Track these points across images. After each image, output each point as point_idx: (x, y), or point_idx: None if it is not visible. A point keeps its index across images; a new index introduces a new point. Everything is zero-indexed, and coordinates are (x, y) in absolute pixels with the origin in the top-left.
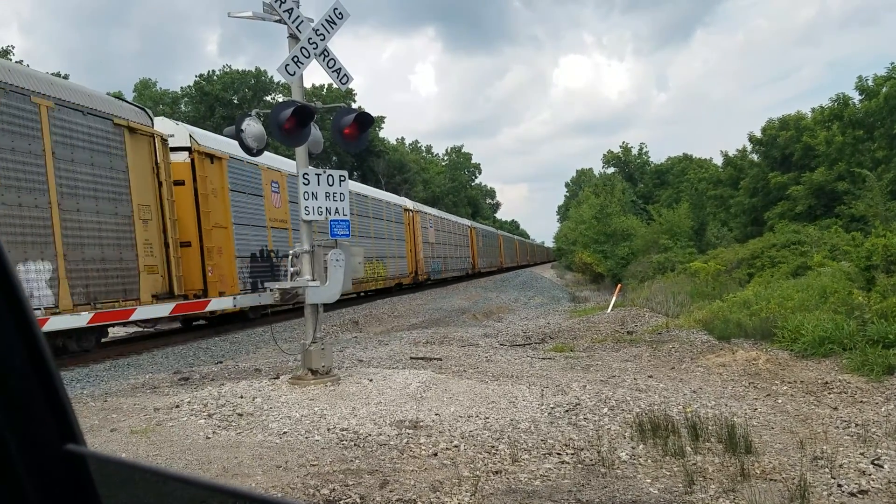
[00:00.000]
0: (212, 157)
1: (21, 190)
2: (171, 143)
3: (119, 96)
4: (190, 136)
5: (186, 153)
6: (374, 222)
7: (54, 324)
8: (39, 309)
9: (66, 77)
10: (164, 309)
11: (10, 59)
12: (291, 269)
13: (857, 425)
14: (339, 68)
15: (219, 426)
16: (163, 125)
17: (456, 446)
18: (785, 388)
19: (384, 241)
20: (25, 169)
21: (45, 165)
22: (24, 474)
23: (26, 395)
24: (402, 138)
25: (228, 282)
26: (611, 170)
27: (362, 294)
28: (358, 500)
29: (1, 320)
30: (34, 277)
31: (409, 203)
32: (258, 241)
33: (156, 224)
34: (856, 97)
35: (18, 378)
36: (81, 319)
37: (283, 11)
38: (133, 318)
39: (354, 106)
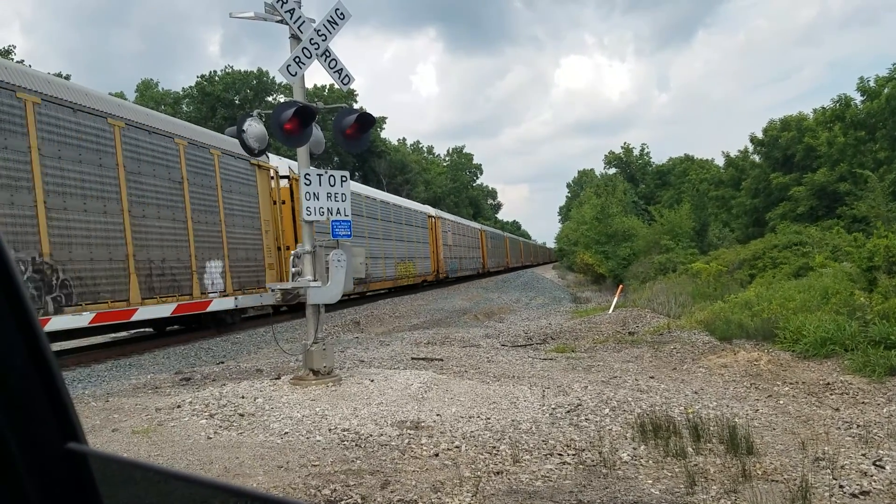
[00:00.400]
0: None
1: (206, 213)
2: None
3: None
4: (289, 167)
5: (287, 180)
6: (405, 228)
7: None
8: (216, 293)
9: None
10: (166, 309)
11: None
12: (293, 269)
13: (858, 426)
14: (341, 69)
15: (220, 426)
16: (272, 160)
17: (457, 447)
18: (786, 388)
19: (413, 244)
20: (208, 199)
21: (217, 196)
22: (26, 473)
23: (28, 395)
24: (404, 139)
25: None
26: (612, 170)
27: (392, 289)
28: (359, 501)
29: (2, 320)
30: (213, 271)
31: (431, 210)
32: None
33: (272, 234)
34: (857, 98)
35: (20, 377)
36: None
37: (285, 12)
38: (134, 318)
39: (356, 106)
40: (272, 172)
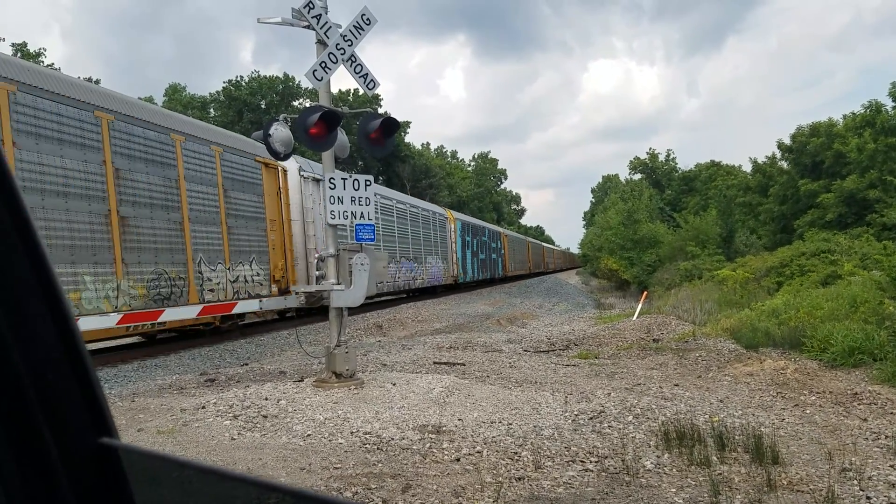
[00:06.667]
0: (456, 220)
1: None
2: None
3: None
4: (450, 212)
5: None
6: (493, 244)
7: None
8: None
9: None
10: (193, 310)
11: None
12: (317, 272)
13: (887, 437)
14: (366, 73)
15: (244, 427)
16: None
17: (479, 452)
18: (813, 398)
19: (497, 253)
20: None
21: (420, 234)
22: (60, 466)
23: (63, 390)
24: (428, 143)
25: (459, 272)
26: (637, 176)
27: (484, 281)
28: None
29: (41, 318)
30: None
31: (501, 229)
32: (474, 255)
33: (448, 255)
34: (888, 104)
35: (56, 374)
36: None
37: (312, 17)
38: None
39: (381, 111)
40: (450, 221)
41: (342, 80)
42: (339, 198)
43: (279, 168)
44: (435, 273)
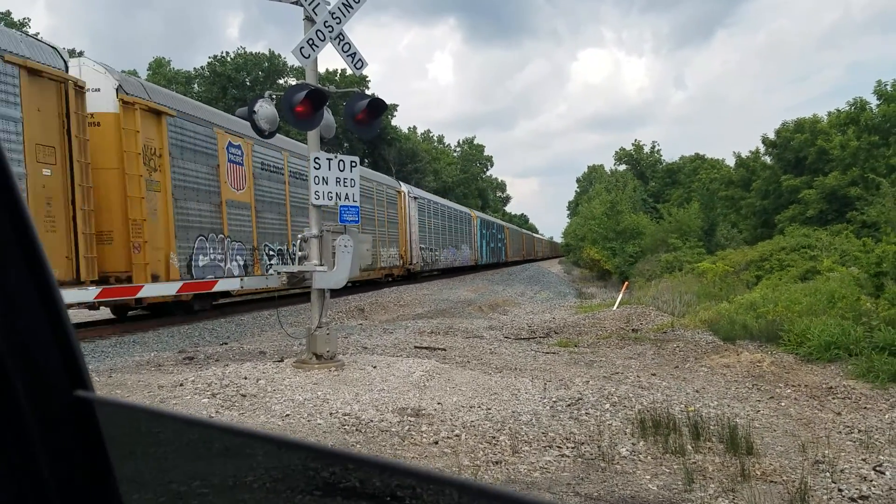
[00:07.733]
0: (477, 217)
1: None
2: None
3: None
4: (473, 211)
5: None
6: (499, 235)
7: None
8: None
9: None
10: (173, 287)
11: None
12: (299, 253)
13: (860, 431)
14: (354, 53)
15: (222, 406)
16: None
17: (457, 435)
18: (789, 391)
19: (500, 243)
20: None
21: (457, 229)
22: (34, 418)
23: (39, 343)
24: (414, 127)
25: (478, 256)
26: (622, 167)
27: (492, 264)
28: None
29: (17, 269)
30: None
31: (504, 223)
32: (487, 244)
33: (472, 244)
34: (873, 101)
35: (31, 326)
36: None
37: None
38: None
39: (368, 93)
40: (474, 218)
41: (329, 61)
42: (323, 178)
43: (400, 192)
44: (465, 257)
